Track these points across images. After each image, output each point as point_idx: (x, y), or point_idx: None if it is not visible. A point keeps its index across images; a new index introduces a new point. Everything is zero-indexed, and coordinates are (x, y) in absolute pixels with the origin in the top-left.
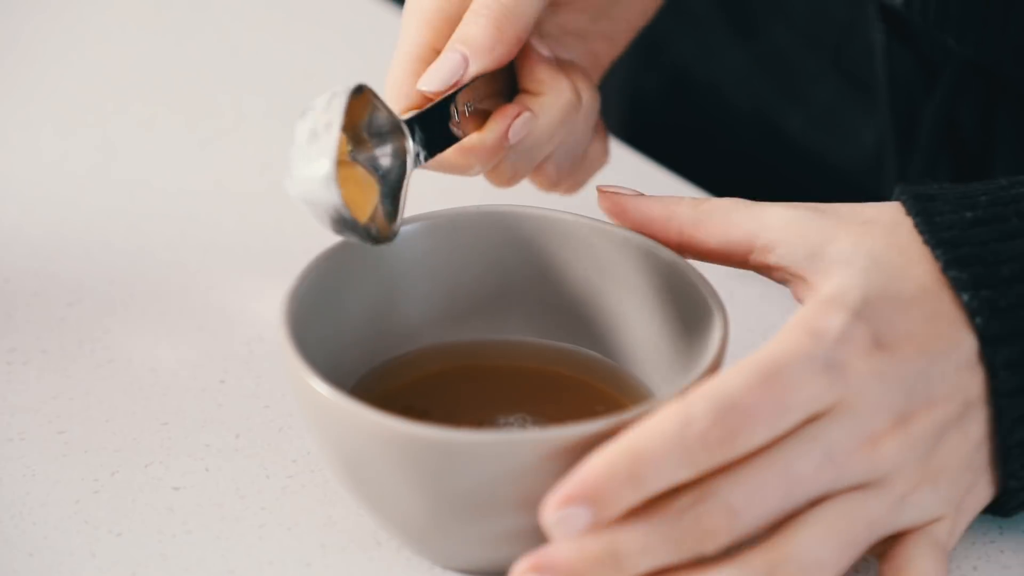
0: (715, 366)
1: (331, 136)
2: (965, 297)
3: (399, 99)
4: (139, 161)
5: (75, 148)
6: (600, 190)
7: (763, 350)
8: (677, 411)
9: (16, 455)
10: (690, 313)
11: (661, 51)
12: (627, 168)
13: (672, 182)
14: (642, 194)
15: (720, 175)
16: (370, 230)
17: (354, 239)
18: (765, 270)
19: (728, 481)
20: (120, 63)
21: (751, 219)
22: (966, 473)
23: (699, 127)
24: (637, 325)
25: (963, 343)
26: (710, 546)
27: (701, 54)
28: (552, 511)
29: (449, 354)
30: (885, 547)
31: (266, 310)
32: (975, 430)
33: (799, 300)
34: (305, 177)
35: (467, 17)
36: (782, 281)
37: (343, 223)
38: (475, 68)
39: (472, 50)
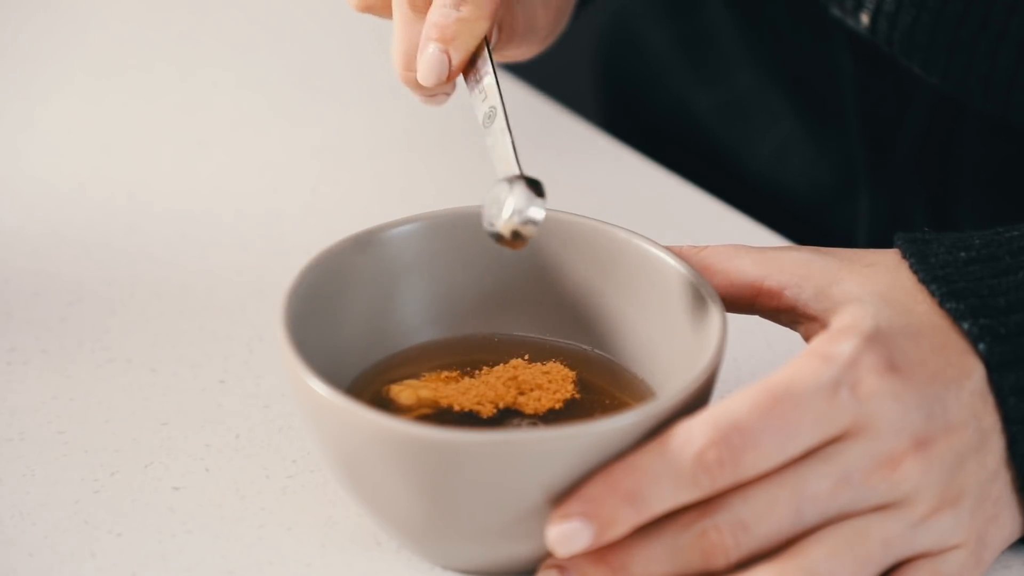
0: (714, 365)
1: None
2: (965, 326)
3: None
4: (139, 161)
5: (75, 148)
6: None
7: (773, 375)
8: (679, 431)
9: (16, 455)
10: (690, 312)
11: (638, 98)
12: (625, 165)
13: (664, 178)
14: None
15: None
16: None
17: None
18: (772, 314)
19: (738, 496)
20: (120, 63)
21: (755, 264)
22: (986, 502)
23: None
24: (637, 324)
25: (974, 372)
26: (719, 560)
27: (671, 102)
28: (553, 527)
29: (448, 353)
30: None
31: (266, 310)
32: (992, 459)
33: (809, 342)
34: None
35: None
36: (791, 324)
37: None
38: (456, 61)
39: (454, 48)
